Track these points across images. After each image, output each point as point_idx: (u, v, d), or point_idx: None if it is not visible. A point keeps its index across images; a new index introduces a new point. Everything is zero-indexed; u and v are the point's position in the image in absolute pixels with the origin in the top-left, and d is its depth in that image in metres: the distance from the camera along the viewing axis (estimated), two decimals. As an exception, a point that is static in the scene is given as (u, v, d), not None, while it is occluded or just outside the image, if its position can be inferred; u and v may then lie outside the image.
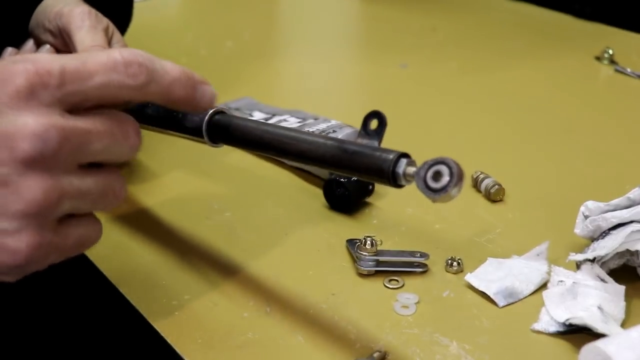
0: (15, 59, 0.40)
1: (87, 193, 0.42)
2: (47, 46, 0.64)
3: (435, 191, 0.40)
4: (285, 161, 0.61)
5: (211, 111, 0.51)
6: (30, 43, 0.67)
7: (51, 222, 0.40)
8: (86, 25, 0.61)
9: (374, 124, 0.46)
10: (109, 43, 0.64)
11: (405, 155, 0.43)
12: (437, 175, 0.40)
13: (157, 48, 1.03)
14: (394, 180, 0.42)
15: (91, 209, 0.43)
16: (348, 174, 0.45)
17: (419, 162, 0.42)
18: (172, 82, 0.43)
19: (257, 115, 0.76)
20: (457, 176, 0.40)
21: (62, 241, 0.42)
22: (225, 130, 0.50)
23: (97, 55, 0.41)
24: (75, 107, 0.41)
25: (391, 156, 0.42)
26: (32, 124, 0.39)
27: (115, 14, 0.70)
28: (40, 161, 0.39)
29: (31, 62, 0.39)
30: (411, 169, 0.42)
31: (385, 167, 0.42)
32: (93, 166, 0.42)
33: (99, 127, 0.41)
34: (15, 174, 0.39)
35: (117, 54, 0.41)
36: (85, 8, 0.63)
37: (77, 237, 0.43)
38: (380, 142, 0.45)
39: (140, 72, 0.41)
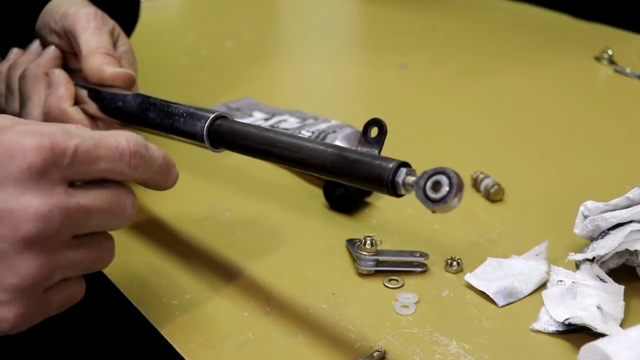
0: (27, 131, 0.40)
1: (79, 263, 0.43)
2: (53, 47, 0.64)
3: (434, 201, 0.40)
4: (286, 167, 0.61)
5: (212, 116, 0.51)
6: (36, 44, 0.67)
7: (40, 293, 0.42)
8: (92, 27, 0.62)
9: (374, 131, 0.46)
10: (115, 45, 0.64)
11: (405, 164, 0.43)
12: (436, 186, 0.40)
13: (158, 48, 1.03)
14: (393, 189, 0.42)
15: (80, 274, 0.44)
16: (348, 182, 0.45)
17: (419, 168, 0.42)
18: (158, 169, 0.46)
19: (257, 115, 0.76)
20: (457, 186, 0.39)
21: (47, 307, 0.43)
22: (226, 136, 0.50)
23: (108, 141, 0.42)
24: (77, 179, 0.42)
25: (391, 165, 0.42)
26: (38, 204, 0.39)
27: (122, 15, 0.70)
28: (40, 240, 0.40)
29: (47, 137, 0.40)
30: (410, 179, 0.42)
31: (385, 176, 0.42)
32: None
33: (98, 203, 0.43)
34: (13, 251, 0.39)
35: (125, 143, 0.43)
36: (92, 9, 0.63)
37: (61, 301, 0.44)
38: (380, 150, 0.45)
39: (140, 163, 0.44)
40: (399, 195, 0.43)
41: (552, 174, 0.71)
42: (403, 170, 0.42)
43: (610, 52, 0.94)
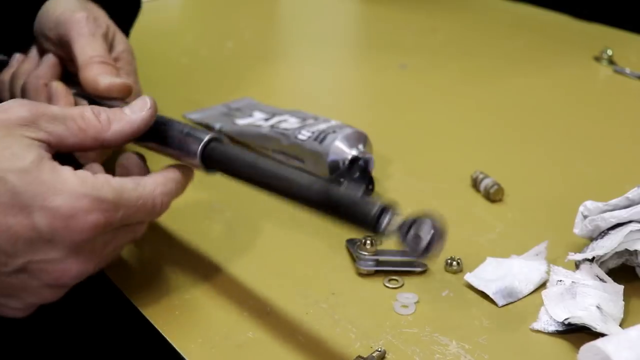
0: (79, 197, 0.45)
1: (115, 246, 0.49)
2: (50, 55, 0.64)
3: (417, 252, 0.41)
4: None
5: (206, 138, 0.51)
6: (34, 51, 0.66)
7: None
8: (85, 34, 0.61)
9: (357, 168, 0.46)
10: (111, 46, 0.64)
11: (386, 209, 0.43)
12: (417, 239, 0.41)
13: (158, 48, 1.03)
14: (378, 233, 0.43)
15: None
16: (334, 221, 0.45)
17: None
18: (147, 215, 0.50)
19: (257, 116, 0.76)
20: (439, 237, 0.40)
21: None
22: (217, 161, 0.51)
23: (147, 205, 0.49)
24: None
25: (374, 211, 0.43)
26: (80, 270, 0.47)
27: (122, 5, 0.69)
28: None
29: (102, 212, 0.45)
30: (393, 226, 0.42)
31: (368, 222, 0.43)
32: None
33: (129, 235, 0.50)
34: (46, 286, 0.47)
35: (159, 201, 0.50)
36: (83, 14, 0.62)
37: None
38: (363, 189, 0.45)
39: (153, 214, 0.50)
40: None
41: (552, 174, 0.71)
42: (385, 218, 0.43)
43: (609, 52, 0.94)
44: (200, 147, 0.51)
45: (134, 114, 0.52)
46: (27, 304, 0.47)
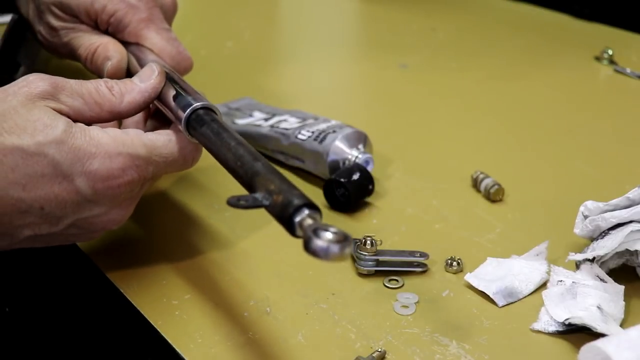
0: (113, 156, 0.48)
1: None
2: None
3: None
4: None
5: (197, 105, 0.52)
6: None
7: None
8: (152, 27, 0.63)
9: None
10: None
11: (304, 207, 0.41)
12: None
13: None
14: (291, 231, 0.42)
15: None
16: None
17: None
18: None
19: (257, 115, 0.76)
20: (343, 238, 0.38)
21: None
22: (198, 133, 0.52)
23: (179, 157, 0.52)
24: None
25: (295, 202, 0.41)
26: (119, 219, 0.52)
27: None
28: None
29: (136, 169, 0.50)
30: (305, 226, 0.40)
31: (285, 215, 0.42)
32: None
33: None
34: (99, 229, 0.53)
35: (191, 157, 0.53)
36: None
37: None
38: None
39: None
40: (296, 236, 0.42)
41: (553, 174, 0.71)
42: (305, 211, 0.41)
43: (610, 52, 0.94)
44: (185, 114, 0.52)
45: (143, 83, 0.54)
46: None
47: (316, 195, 0.65)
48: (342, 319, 0.52)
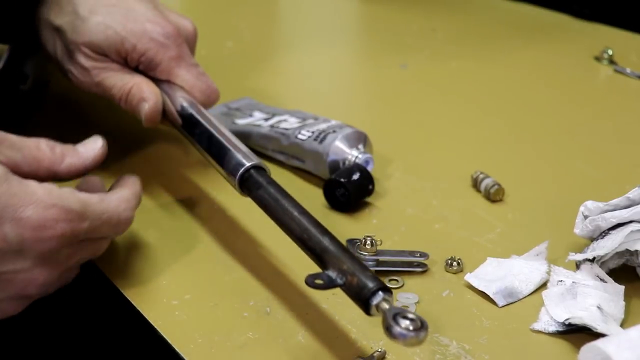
0: (47, 208, 0.46)
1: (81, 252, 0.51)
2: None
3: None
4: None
5: (248, 165, 0.55)
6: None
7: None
8: (181, 63, 0.65)
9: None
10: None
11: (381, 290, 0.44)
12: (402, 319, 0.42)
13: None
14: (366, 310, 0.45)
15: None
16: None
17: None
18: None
19: (257, 116, 0.76)
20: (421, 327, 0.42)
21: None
22: (249, 190, 0.55)
23: (112, 215, 0.51)
24: None
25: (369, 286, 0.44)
26: (46, 277, 0.48)
27: None
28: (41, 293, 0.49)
29: (68, 222, 0.47)
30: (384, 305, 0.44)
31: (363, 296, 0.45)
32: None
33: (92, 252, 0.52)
34: (15, 297, 0.49)
35: (125, 216, 0.52)
36: (167, 27, 0.64)
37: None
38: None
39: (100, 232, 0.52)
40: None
41: (553, 174, 0.71)
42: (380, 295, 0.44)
43: (610, 52, 0.94)
44: (240, 172, 0.55)
45: (85, 152, 0.54)
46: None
47: (316, 195, 0.66)
48: (342, 319, 0.52)
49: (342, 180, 0.63)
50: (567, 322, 0.49)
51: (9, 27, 0.68)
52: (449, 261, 0.56)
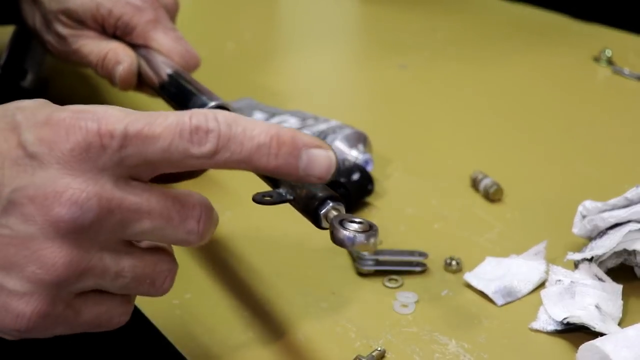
0: (82, 111, 0.37)
1: (118, 275, 0.38)
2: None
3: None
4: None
5: (212, 104, 0.53)
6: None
7: (66, 294, 0.37)
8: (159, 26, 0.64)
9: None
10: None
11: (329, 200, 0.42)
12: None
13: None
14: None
15: (119, 292, 0.39)
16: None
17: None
18: (254, 151, 0.38)
19: (258, 116, 0.76)
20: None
21: (74, 316, 0.38)
22: None
23: (166, 118, 0.37)
24: (135, 171, 0.37)
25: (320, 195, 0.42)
26: (75, 189, 0.36)
27: None
28: (72, 230, 0.36)
29: (97, 120, 0.36)
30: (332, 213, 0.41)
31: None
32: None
33: (153, 204, 0.37)
34: (42, 235, 0.36)
35: (187, 117, 0.37)
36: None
37: (92, 316, 0.39)
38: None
39: (207, 139, 0.37)
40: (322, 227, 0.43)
41: (551, 174, 0.71)
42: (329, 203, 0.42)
43: (608, 52, 0.94)
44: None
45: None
46: (30, 276, 0.36)
47: (316, 195, 0.66)
48: (342, 318, 0.52)
49: (342, 180, 0.63)
50: (565, 321, 0.49)
51: None
52: (448, 261, 0.57)
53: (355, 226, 0.40)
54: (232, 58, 1.00)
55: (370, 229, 0.40)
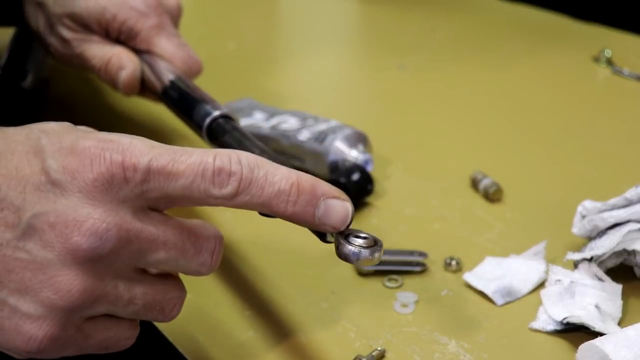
0: (107, 141, 0.38)
1: (129, 302, 0.39)
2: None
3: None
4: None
5: (216, 113, 0.54)
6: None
7: (78, 319, 0.38)
8: (163, 34, 0.64)
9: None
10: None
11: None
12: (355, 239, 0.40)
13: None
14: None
15: (129, 317, 0.40)
16: None
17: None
18: (273, 196, 0.39)
19: (258, 116, 0.76)
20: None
21: (83, 340, 0.39)
22: (220, 136, 0.54)
23: (190, 156, 0.38)
24: (154, 203, 0.38)
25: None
26: (96, 219, 0.36)
27: None
28: (89, 259, 0.37)
29: (121, 152, 0.37)
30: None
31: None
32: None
33: (169, 236, 0.38)
34: (59, 262, 0.37)
35: (211, 158, 0.38)
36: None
37: (101, 339, 0.40)
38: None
39: (229, 182, 0.38)
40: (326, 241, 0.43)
41: (551, 174, 0.71)
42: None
43: (608, 53, 0.94)
44: (205, 123, 0.54)
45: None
46: (44, 301, 0.37)
47: (316, 195, 0.66)
48: (342, 318, 0.52)
49: (341, 180, 0.63)
50: (565, 321, 0.50)
51: None
52: (448, 260, 0.57)
53: (360, 241, 0.40)
54: (232, 58, 1.00)
55: (375, 244, 0.40)
